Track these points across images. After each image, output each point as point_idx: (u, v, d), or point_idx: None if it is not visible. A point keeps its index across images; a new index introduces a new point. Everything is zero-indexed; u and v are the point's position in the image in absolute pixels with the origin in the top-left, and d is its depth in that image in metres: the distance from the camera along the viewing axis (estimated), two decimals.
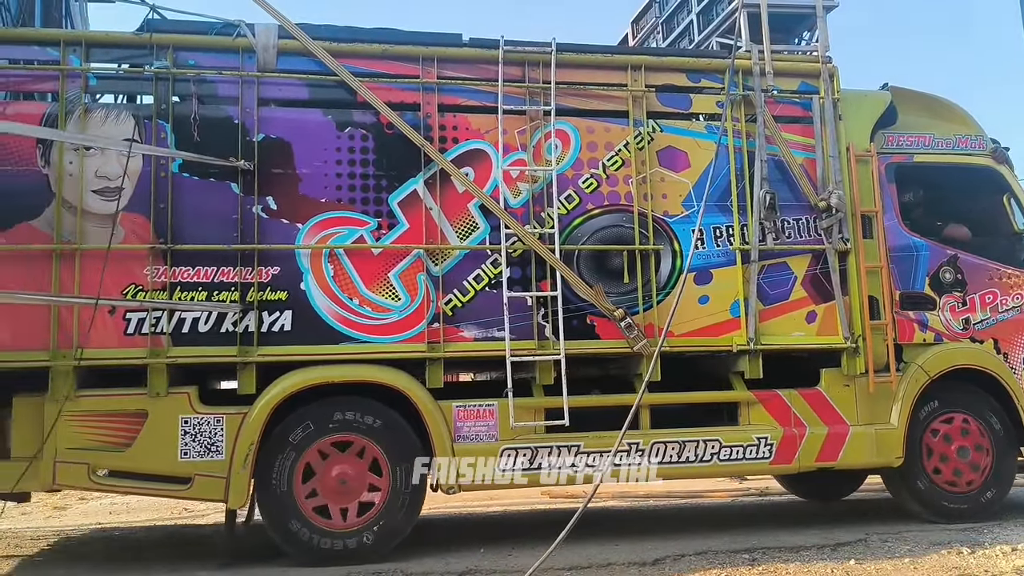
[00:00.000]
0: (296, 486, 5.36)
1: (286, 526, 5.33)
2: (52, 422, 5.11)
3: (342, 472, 5.44)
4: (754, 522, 6.95)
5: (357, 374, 5.50)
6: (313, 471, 5.41)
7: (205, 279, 5.40)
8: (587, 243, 5.92)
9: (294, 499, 5.34)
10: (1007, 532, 5.93)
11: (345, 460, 5.46)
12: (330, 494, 5.41)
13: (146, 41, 5.49)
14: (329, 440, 5.44)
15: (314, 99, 5.77)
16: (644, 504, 8.55)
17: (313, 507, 5.37)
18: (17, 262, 5.23)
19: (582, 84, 6.08)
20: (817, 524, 6.50)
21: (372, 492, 5.46)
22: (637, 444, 5.80)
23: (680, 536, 6.04)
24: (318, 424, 5.42)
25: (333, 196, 5.64)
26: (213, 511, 8.60)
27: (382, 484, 5.47)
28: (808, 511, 7.65)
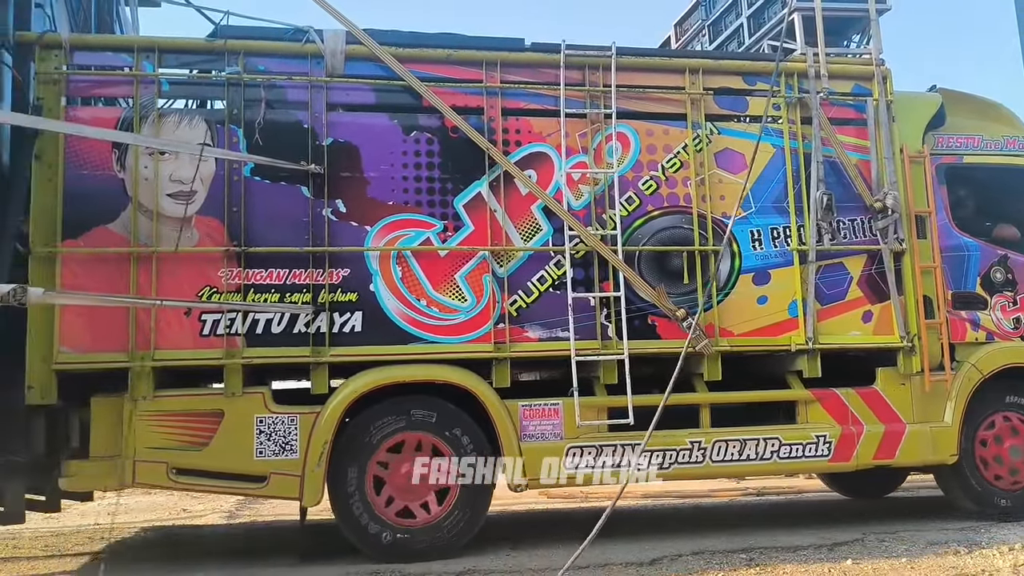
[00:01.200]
0: (367, 484, 5.44)
1: (358, 523, 5.41)
2: (131, 422, 5.19)
3: (411, 470, 5.52)
4: (751, 522, 6.99)
5: (426, 374, 5.59)
6: (384, 469, 5.49)
7: (278, 281, 5.50)
8: (647, 244, 6.00)
9: (366, 497, 5.42)
10: (1004, 532, 5.96)
11: (416, 458, 5.54)
12: (400, 492, 5.50)
13: (218, 47, 5.58)
14: (399, 439, 5.52)
15: (380, 103, 5.86)
16: (641, 504, 8.59)
17: (384, 504, 5.46)
18: (95, 265, 5.33)
19: (641, 87, 6.16)
20: (814, 524, 6.52)
21: (441, 490, 5.54)
22: (699, 443, 5.88)
23: (677, 536, 6.05)
24: (388, 423, 5.50)
25: (400, 199, 5.73)
26: (211, 512, 8.71)
27: (451, 482, 5.54)
28: (804, 510, 7.70)
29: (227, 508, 9.12)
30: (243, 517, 8.37)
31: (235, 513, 8.75)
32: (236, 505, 9.31)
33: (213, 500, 9.56)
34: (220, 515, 8.53)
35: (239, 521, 8.10)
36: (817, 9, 6.43)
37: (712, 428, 5.97)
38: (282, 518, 8.09)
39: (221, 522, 8.10)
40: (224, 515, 8.57)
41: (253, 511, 8.84)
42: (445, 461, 5.56)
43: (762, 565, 5.11)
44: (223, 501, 9.41)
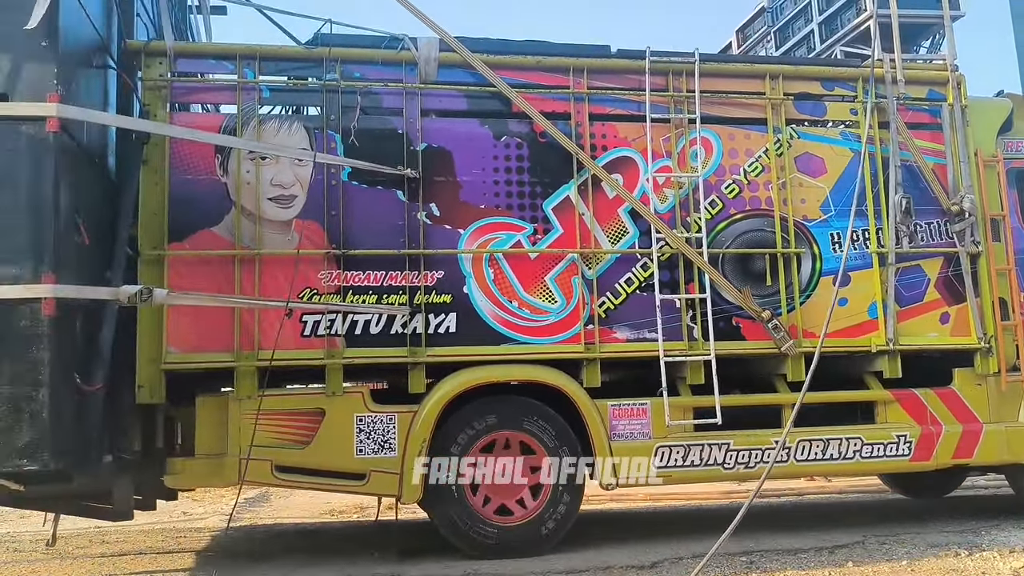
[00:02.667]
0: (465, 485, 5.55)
1: (454, 521, 5.52)
2: (238, 420, 5.32)
3: (505, 468, 5.63)
4: (752, 524, 6.89)
5: (521, 374, 5.70)
6: (478, 468, 5.60)
7: (375, 283, 5.62)
8: (731, 247, 6.11)
9: (462, 494, 5.53)
10: (1004, 534, 6.02)
11: (509, 457, 5.65)
12: (494, 490, 5.61)
13: (316, 55, 5.71)
14: (492, 437, 5.63)
15: (471, 109, 5.98)
16: (642, 507, 8.61)
17: (479, 502, 5.57)
18: (199, 267, 5.46)
19: (724, 92, 6.27)
20: (815, 526, 6.56)
21: (534, 488, 5.65)
22: (783, 442, 5.96)
23: (678, 539, 6.07)
24: (482, 422, 5.61)
25: (492, 202, 5.85)
26: (212, 515, 8.69)
27: (544, 480, 5.65)
28: (804, 513, 7.73)
29: (228, 511, 8.78)
30: (243, 520, 8.32)
31: (236, 516, 8.50)
32: (237, 508, 9.05)
33: (213, 503, 9.53)
34: (221, 517, 8.46)
35: (240, 524, 8.08)
36: (893, 16, 6.53)
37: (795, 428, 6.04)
38: (281, 521, 8.16)
39: (222, 524, 8.01)
40: (224, 517, 8.31)
41: (253, 514, 8.80)
42: (537, 459, 5.67)
43: (763, 568, 5.15)
44: (223, 504, 9.35)
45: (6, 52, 4.45)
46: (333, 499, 9.10)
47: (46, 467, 4.22)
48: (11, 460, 4.19)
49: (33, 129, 4.41)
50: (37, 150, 4.40)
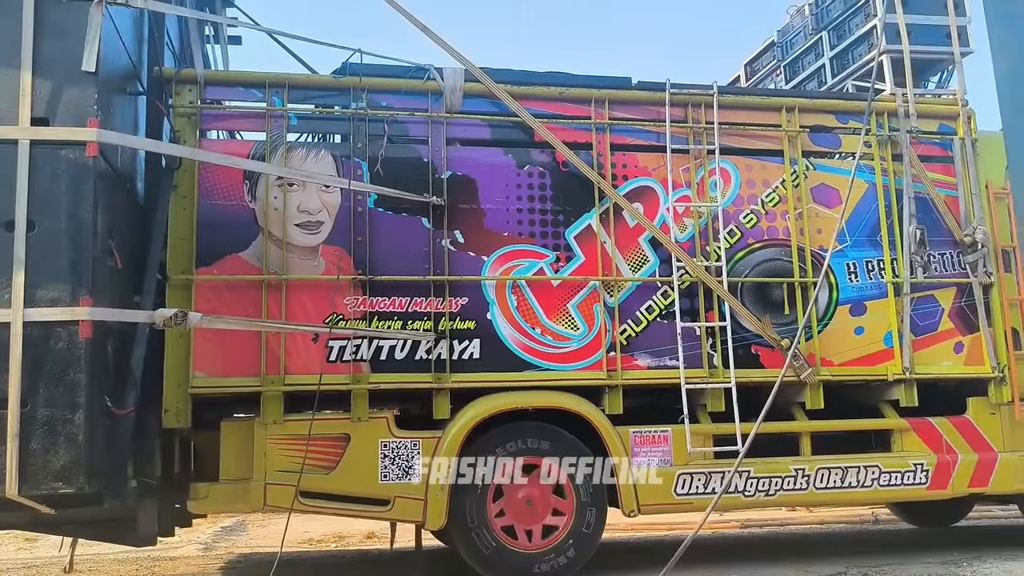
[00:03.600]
0: (488, 508, 5.56)
1: (478, 547, 5.52)
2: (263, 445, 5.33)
3: (528, 494, 5.65)
4: (734, 555, 7.02)
5: (544, 400, 5.74)
6: (501, 493, 5.61)
7: (400, 309, 5.66)
8: (749, 276, 6.19)
9: (486, 520, 5.54)
10: (986, 566, 6.03)
11: (532, 483, 5.67)
12: (518, 516, 5.62)
13: (346, 84, 5.80)
14: (516, 463, 5.65)
15: (495, 139, 6.08)
16: (625, 537, 8.57)
17: (502, 528, 5.57)
18: (226, 292, 5.50)
19: (741, 124, 6.39)
20: (796, 558, 6.54)
21: (557, 515, 5.67)
22: (803, 469, 6.02)
23: (657, 569, 5.86)
24: (505, 448, 5.63)
25: (515, 230, 5.92)
26: (188, 543, 8.60)
27: (566, 507, 5.67)
28: (786, 544, 7.74)
29: (203, 539, 8.98)
30: (219, 549, 8.25)
31: (211, 544, 8.64)
32: (212, 536, 9.16)
33: (189, 532, 9.08)
34: (197, 546, 8.42)
35: (216, 552, 8.01)
36: (905, 52, 6.69)
37: (812, 456, 6.10)
38: (259, 550, 8.09)
39: (197, 553, 8.01)
40: (201, 546, 8.45)
41: (230, 543, 8.72)
42: (559, 486, 5.68)
43: None
44: (199, 532, 9.27)
45: (47, 78, 4.51)
46: (312, 528, 8.98)
47: (81, 490, 4.22)
48: (47, 483, 4.19)
49: (73, 154, 4.46)
50: (77, 174, 4.45)
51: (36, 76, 4.49)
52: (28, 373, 4.23)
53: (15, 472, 4.15)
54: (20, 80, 4.47)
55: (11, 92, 4.47)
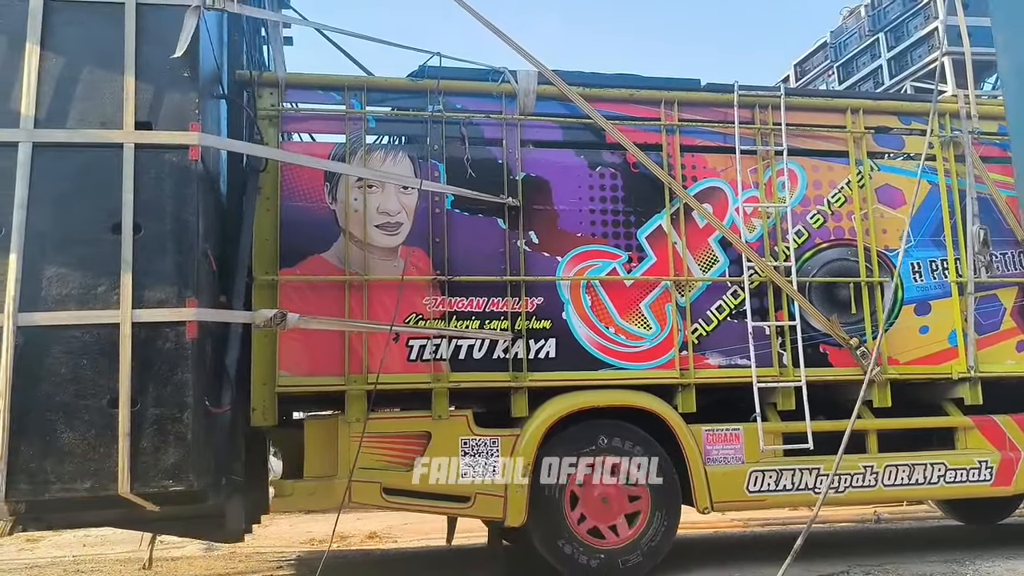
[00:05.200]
0: (565, 505, 5.64)
1: (556, 544, 5.60)
2: (348, 443, 5.41)
3: (604, 492, 5.73)
4: (737, 554, 7.03)
5: (620, 399, 5.82)
6: (578, 491, 5.69)
7: (478, 309, 5.74)
8: (817, 275, 6.26)
9: (564, 518, 5.62)
10: (988, 565, 6.07)
11: (606, 480, 5.74)
12: (593, 513, 5.70)
13: (424, 87, 5.87)
14: (591, 461, 5.73)
15: (567, 140, 6.15)
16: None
17: (579, 525, 5.65)
18: (308, 292, 5.58)
19: (808, 126, 6.46)
20: (799, 557, 6.33)
21: (632, 512, 5.75)
22: (871, 467, 6.09)
23: (662, 569, 5.95)
24: (580, 446, 5.72)
25: (588, 231, 6.00)
26: (189, 543, 8.45)
27: (641, 505, 5.75)
28: (789, 543, 7.70)
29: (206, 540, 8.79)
30: (222, 549, 8.15)
31: (214, 545, 8.38)
32: None
33: None
34: (199, 546, 8.37)
35: (219, 553, 7.99)
36: (967, 54, 6.76)
37: (880, 453, 6.17)
38: (261, 550, 8.07)
39: (200, 553, 7.99)
40: (203, 546, 8.39)
41: (233, 544, 8.59)
42: (636, 483, 5.76)
43: None
44: None
45: (150, 82, 4.58)
46: (315, 529, 8.93)
47: (191, 488, 4.30)
48: (157, 480, 4.27)
49: (176, 157, 4.54)
50: (181, 177, 4.53)
51: (139, 81, 4.56)
52: (137, 373, 4.31)
53: (127, 470, 4.23)
54: (124, 85, 4.54)
55: (115, 97, 4.55)
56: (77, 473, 4.20)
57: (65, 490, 4.19)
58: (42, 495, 4.18)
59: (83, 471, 4.21)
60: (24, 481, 4.17)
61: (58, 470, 4.20)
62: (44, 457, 4.20)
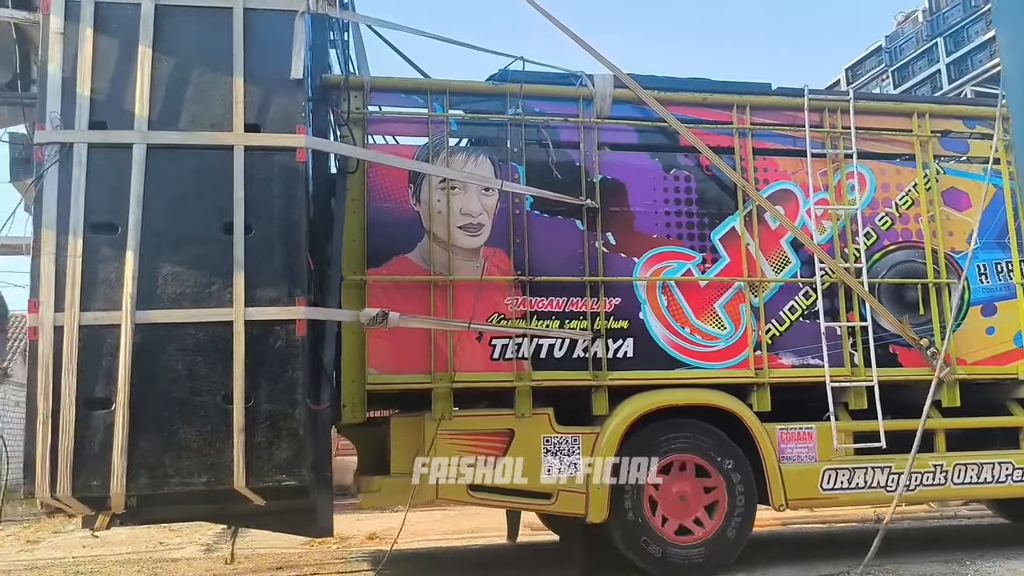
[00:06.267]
0: (644, 503, 5.73)
1: (637, 542, 5.69)
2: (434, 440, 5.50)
3: (682, 489, 5.82)
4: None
5: (698, 398, 5.91)
6: (657, 488, 5.79)
7: (557, 308, 5.84)
8: (886, 277, 6.35)
9: (643, 514, 5.71)
10: (989, 564, 6.09)
11: (684, 478, 5.84)
12: (671, 510, 5.79)
13: (504, 90, 5.98)
14: (669, 459, 5.82)
15: (641, 143, 6.25)
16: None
17: (658, 522, 5.74)
18: (394, 292, 5.67)
19: (876, 129, 6.55)
20: (799, 557, 6.58)
21: (709, 509, 5.84)
22: (941, 466, 6.18)
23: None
24: (660, 444, 5.81)
25: (663, 232, 6.10)
26: (189, 543, 8.59)
27: (718, 500, 5.84)
28: (789, 543, 7.79)
29: (205, 540, 8.94)
30: (222, 550, 8.14)
31: (213, 546, 8.61)
32: (214, 537, 9.07)
33: (191, 532, 9.34)
34: (198, 547, 8.40)
35: (219, 554, 7.96)
36: None
37: (949, 453, 6.26)
38: (260, 551, 8.02)
39: (199, 555, 7.97)
40: (202, 548, 8.43)
41: (230, 544, 8.41)
42: (712, 481, 5.85)
43: None
44: (201, 533, 9.22)
45: (257, 85, 4.69)
46: None
47: (303, 482, 4.40)
48: (271, 475, 4.37)
49: (284, 159, 4.65)
50: (289, 179, 4.64)
51: (248, 84, 4.66)
52: (250, 370, 4.41)
53: (242, 465, 4.33)
54: (233, 88, 4.64)
55: (224, 99, 4.66)
56: (194, 467, 4.30)
57: (183, 484, 4.29)
58: (161, 488, 4.28)
59: (200, 466, 4.31)
60: (144, 475, 4.28)
61: (176, 464, 4.30)
62: (163, 452, 4.30)
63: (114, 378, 4.30)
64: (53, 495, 4.22)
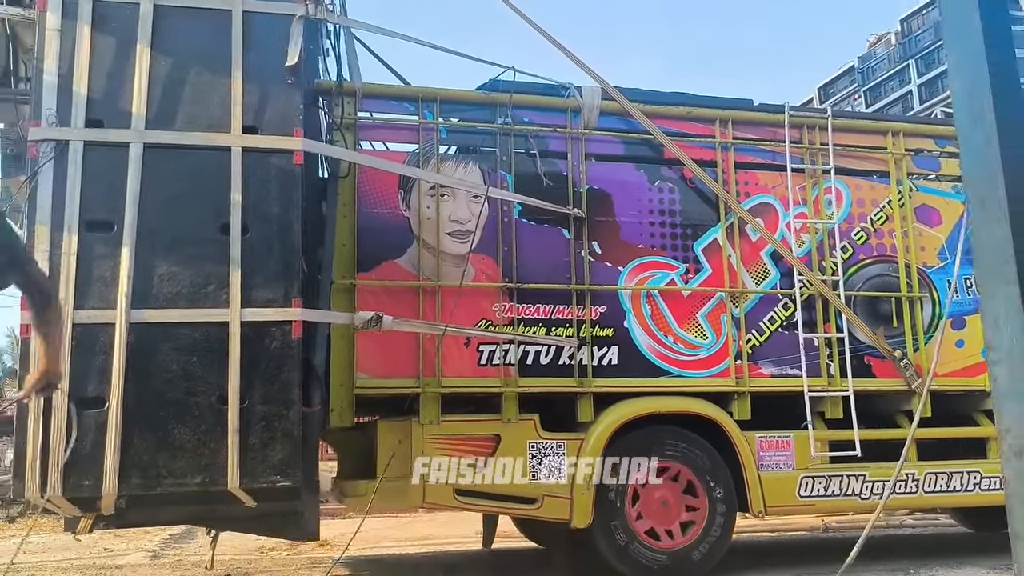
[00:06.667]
0: (627, 508, 5.81)
1: (619, 545, 5.77)
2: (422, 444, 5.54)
3: (663, 495, 5.92)
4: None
5: (683, 405, 6.01)
6: (638, 494, 5.87)
7: (544, 316, 5.92)
8: (861, 290, 6.53)
9: (626, 520, 5.79)
10: (932, 572, 6.27)
11: (665, 484, 5.93)
12: (654, 516, 5.88)
13: (495, 99, 6.06)
14: (652, 464, 5.91)
15: (627, 155, 6.37)
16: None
17: (641, 528, 5.83)
18: (383, 296, 5.70)
19: (852, 147, 6.75)
20: (747, 566, 6.66)
21: (690, 513, 5.94)
22: (913, 474, 6.35)
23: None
24: (644, 450, 5.90)
25: (647, 242, 6.21)
26: (135, 550, 8.43)
27: (699, 506, 5.94)
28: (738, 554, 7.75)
29: (151, 547, 8.73)
30: (168, 557, 8.12)
31: (160, 552, 8.46)
32: (160, 544, 8.92)
33: (136, 539, 9.13)
34: (144, 554, 8.25)
35: (165, 561, 7.88)
36: None
37: (920, 461, 6.43)
38: (206, 557, 7.66)
39: (145, 562, 7.84)
40: (148, 554, 8.28)
41: (179, 550, 8.56)
42: (690, 487, 5.95)
43: None
44: (147, 540, 9.06)
45: (255, 87, 4.71)
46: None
47: (297, 484, 4.40)
48: (266, 476, 4.37)
49: (281, 161, 4.67)
50: (286, 181, 4.66)
51: (245, 86, 4.68)
52: (245, 371, 4.41)
53: (236, 465, 4.32)
54: (231, 90, 4.66)
55: (221, 101, 4.68)
56: (188, 468, 4.29)
57: (176, 484, 4.27)
58: (154, 489, 4.25)
59: (194, 466, 4.29)
60: (136, 475, 4.25)
61: (170, 465, 4.28)
62: (156, 452, 4.28)
63: (108, 377, 4.27)
64: (43, 495, 4.17)
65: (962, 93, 2.06)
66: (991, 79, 1.89)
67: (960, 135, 2.12)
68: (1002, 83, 1.89)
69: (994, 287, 1.82)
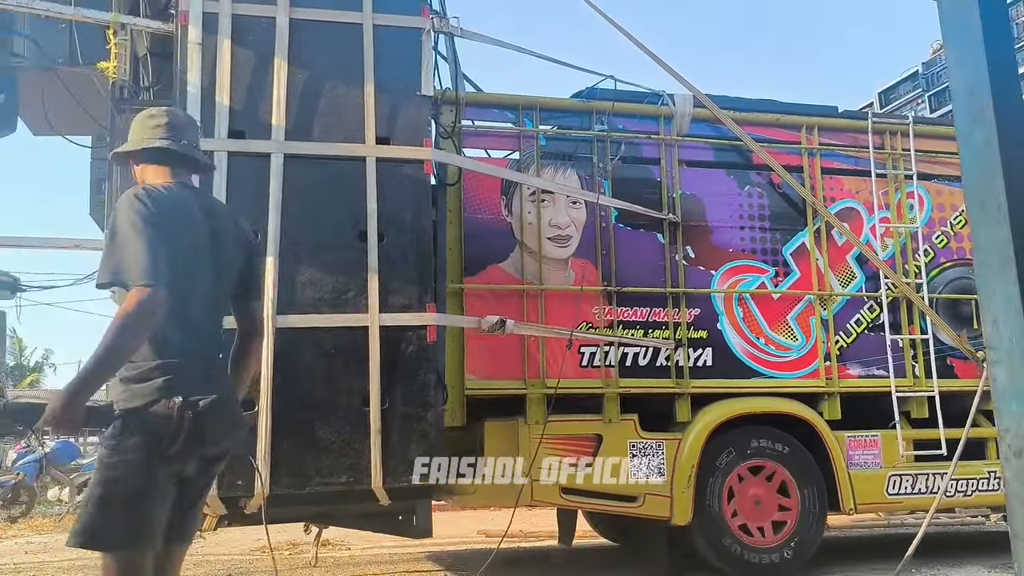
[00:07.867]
0: (723, 506, 5.97)
1: (719, 542, 5.93)
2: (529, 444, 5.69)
3: (757, 494, 6.07)
4: None
5: (777, 406, 6.17)
6: (733, 493, 6.03)
7: (641, 318, 6.07)
8: (942, 293, 6.68)
9: (723, 518, 5.95)
10: (934, 570, 6.33)
11: (758, 483, 6.09)
12: (748, 514, 6.04)
13: (593, 107, 6.21)
14: (746, 465, 6.07)
15: (717, 161, 6.52)
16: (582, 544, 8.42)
17: (738, 525, 5.98)
18: (489, 300, 5.85)
19: (932, 152, 6.89)
20: None
21: (783, 512, 6.09)
22: (995, 472, 6.50)
23: None
24: (737, 450, 6.05)
25: (738, 246, 6.36)
26: None
27: (791, 504, 6.10)
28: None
29: None
30: None
31: None
32: None
33: None
34: None
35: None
36: None
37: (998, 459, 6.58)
38: (210, 557, 7.98)
39: None
40: None
41: None
42: (784, 485, 6.11)
43: None
44: None
45: (386, 99, 4.86)
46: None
47: (436, 483, 4.56)
48: (406, 476, 4.53)
49: (412, 171, 4.82)
50: (418, 190, 4.82)
51: (377, 97, 4.83)
52: (385, 373, 4.56)
53: (379, 465, 4.48)
54: (364, 101, 4.80)
55: (355, 112, 4.81)
56: (334, 468, 4.44)
57: (323, 484, 4.42)
58: (303, 488, 4.41)
59: (340, 466, 4.45)
60: (286, 475, 4.40)
61: (317, 465, 4.43)
62: (304, 452, 4.42)
63: (256, 381, 4.42)
64: None
65: (962, 93, 2.12)
66: (991, 79, 1.93)
67: (960, 135, 2.15)
68: (1002, 83, 1.94)
69: (994, 288, 1.87)
